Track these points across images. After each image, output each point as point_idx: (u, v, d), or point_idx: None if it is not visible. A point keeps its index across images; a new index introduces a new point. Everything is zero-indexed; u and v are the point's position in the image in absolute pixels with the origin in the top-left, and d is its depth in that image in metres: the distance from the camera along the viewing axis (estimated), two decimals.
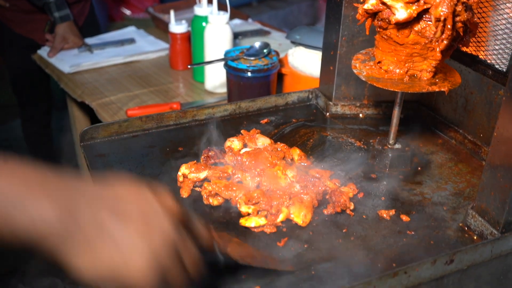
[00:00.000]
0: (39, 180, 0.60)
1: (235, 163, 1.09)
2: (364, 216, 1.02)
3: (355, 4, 1.11)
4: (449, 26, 0.93)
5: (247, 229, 0.98)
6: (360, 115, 1.42)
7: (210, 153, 1.14)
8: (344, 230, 0.98)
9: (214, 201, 1.03)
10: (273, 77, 1.63)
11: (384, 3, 0.97)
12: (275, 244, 0.94)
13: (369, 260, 0.91)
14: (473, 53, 1.18)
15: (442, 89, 1.03)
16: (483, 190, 0.95)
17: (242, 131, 1.25)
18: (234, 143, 1.18)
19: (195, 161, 1.11)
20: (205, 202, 1.04)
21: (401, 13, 0.95)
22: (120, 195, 0.64)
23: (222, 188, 1.02)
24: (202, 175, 1.07)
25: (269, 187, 1.04)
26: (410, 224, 1.00)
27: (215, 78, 1.88)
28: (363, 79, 1.07)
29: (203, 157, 1.14)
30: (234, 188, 1.03)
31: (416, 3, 0.94)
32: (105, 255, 0.60)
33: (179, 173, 1.08)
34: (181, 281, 0.66)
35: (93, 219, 0.60)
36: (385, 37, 1.03)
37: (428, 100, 1.38)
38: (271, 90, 1.65)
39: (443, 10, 0.91)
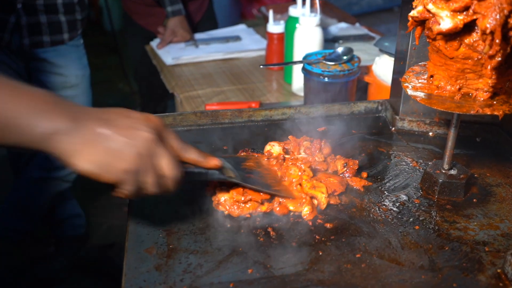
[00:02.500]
0: (58, 100, 0.79)
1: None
2: (386, 244, 0.93)
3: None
4: (497, 41, 0.80)
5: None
6: (430, 133, 1.29)
7: (242, 153, 1.11)
8: (357, 255, 0.90)
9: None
10: (351, 85, 1.55)
11: (429, 11, 0.87)
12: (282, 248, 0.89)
13: None
14: None
15: (495, 113, 0.89)
16: None
17: (290, 137, 1.20)
18: (274, 148, 1.14)
19: None
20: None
21: (446, 23, 0.84)
22: (114, 114, 0.82)
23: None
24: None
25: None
26: (436, 261, 0.89)
27: (300, 81, 1.84)
28: (408, 93, 0.97)
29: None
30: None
31: (464, 13, 0.83)
32: (101, 152, 0.77)
33: None
34: (156, 178, 0.82)
35: (92, 127, 0.78)
36: (435, 48, 0.92)
37: (510, 125, 1.21)
38: (349, 97, 1.57)
39: (490, 22, 0.79)
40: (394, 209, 1.02)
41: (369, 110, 1.38)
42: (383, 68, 1.57)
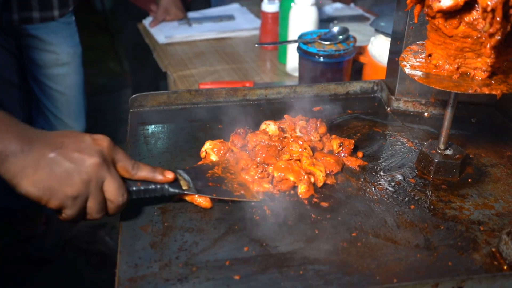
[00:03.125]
0: (12, 122, 0.79)
1: (250, 153, 1.06)
2: (382, 223, 0.93)
3: None
4: (498, 19, 0.79)
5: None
6: (425, 114, 1.28)
7: (239, 131, 1.10)
8: (353, 234, 0.90)
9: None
10: (346, 64, 1.54)
11: None
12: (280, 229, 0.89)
13: (368, 271, 0.83)
14: None
15: (494, 92, 0.89)
16: None
17: (285, 116, 1.20)
18: (270, 126, 1.13)
19: (222, 140, 1.09)
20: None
21: (447, 0, 0.83)
22: (66, 138, 0.83)
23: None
24: (214, 157, 1.05)
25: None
26: (432, 240, 0.89)
27: (295, 61, 1.82)
28: (406, 72, 0.96)
29: (232, 134, 1.11)
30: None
31: None
32: (46, 176, 0.78)
33: (202, 149, 1.07)
34: (100, 205, 0.84)
35: (41, 151, 0.79)
36: (434, 27, 0.91)
37: (505, 106, 1.21)
38: (344, 77, 1.56)
39: None
40: (390, 188, 1.02)
41: (365, 90, 1.37)
42: (379, 48, 1.56)
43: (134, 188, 0.90)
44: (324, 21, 2.16)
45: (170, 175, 0.92)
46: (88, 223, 2.80)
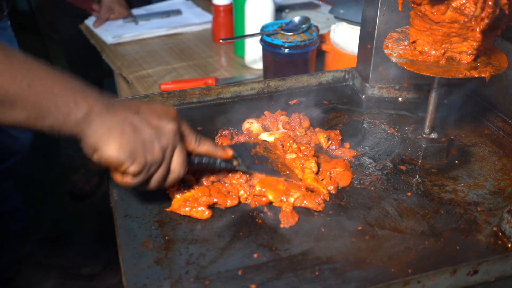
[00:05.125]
0: (88, 85, 0.76)
1: (246, 188, 0.97)
2: (384, 213, 0.93)
3: None
4: (490, 3, 0.80)
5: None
6: (399, 99, 1.30)
7: (224, 133, 1.07)
8: (359, 228, 0.89)
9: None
10: (311, 54, 1.53)
11: None
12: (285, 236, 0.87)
13: (382, 264, 0.82)
14: None
15: (483, 75, 0.90)
16: None
17: (265, 113, 1.17)
18: (253, 125, 1.11)
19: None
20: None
21: None
22: (141, 105, 0.83)
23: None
24: None
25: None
26: (435, 225, 0.90)
27: (254, 53, 1.80)
28: (394, 61, 0.96)
29: (217, 137, 1.08)
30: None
31: None
32: (132, 140, 0.77)
33: None
34: (165, 174, 0.83)
35: (123, 115, 0.77)
36: (420, 14, 0.91)
37: (476, 86, 1.24)
38: (309, 68, 1.55)
39: None
40: (383, 177, 1.02)
41: (337, 80, 1.37)
42: (342, 36, 1.56)
43: (195, 161, 0.90)
44: (276, 10, 2.14)
45: (230, 152, 0.93)
46: (44, 235, 2.68)
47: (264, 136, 1.06)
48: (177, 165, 0.84)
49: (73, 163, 3.04)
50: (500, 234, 0.88)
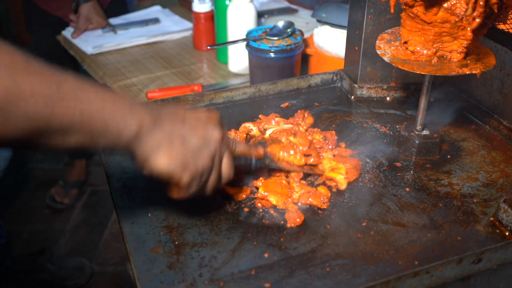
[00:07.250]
0: (132, 99, 0.76)
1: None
2: (386, 209, 0.96)
3: None
4: (481, 3, 0.84)
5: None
6: (387, 98, 1.34)
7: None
8: (363, 224, 0.92)
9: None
10: (297, 58, 1.56)
11: None
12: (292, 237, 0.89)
13: (389, 257, 0.85)
14: (510, 31, 1.09)
15: (474, 72, 0.94)
16: None
17: (260, 116, 1.19)
18: (251, 128, 1.12)
19: None
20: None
21: None
22: (186, 113, 0.82)
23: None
24: None
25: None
26: (435, 218, 0.93)
27: (238, 59, 1.81)
28: (387, 61, 0.99)
29: None
30: None
31: None
32: (181, 150, 0.77)
33: None
34: (218, 180, 0.85)
35: (170, 126, 0.77)
36: (412, 15, 0.95)
37: (461, 83, 1.29)
38: (295, 71, 1.58)
39: None
40: (381, 174, 1.05)
41: (325, 82, 1.40)
42: (325, 39, 1.59)
43: (240, 162, 0.93)
44: None
45: (262, 151, 0.96)
46: (25, 250, 2.64)
47: (270, 132, 1.09)
48: (226, 169, 0.85)
49: (50, 176, 3.00)
50: (497, 223, 0.92)
